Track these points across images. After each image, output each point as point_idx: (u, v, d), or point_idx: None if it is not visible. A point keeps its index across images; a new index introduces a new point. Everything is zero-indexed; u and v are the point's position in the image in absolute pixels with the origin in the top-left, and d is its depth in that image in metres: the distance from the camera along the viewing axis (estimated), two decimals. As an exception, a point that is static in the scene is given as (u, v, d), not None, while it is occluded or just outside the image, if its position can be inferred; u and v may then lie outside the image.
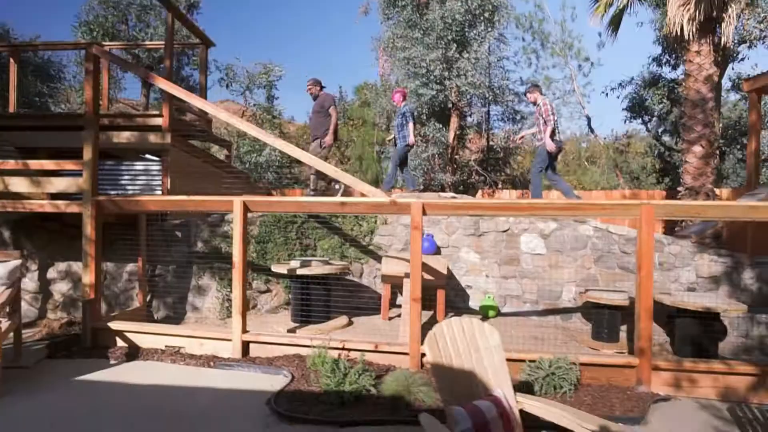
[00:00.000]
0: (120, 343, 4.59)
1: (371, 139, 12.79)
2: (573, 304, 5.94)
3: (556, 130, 6.82)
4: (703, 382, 3.63)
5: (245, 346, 4.26)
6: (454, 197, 6.81)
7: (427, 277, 5.49)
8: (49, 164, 4.60)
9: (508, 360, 2.56)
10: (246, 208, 4.24)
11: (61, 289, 5.75)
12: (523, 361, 3.80)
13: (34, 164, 4.63)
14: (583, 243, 5.96)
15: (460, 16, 8.05)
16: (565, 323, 5.85)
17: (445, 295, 5.65)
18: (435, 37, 8.16)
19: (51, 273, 5.78)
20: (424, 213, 4.00)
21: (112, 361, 4.23)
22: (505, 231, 6.26)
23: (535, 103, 7.09)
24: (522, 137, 8.23)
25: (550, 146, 6.61)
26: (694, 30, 7.45)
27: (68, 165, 4.61)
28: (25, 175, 4.67)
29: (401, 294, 5.91)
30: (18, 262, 3.93)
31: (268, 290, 5.83)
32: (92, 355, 4.42)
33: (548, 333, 5.39)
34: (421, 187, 7.45)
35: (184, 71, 12.13)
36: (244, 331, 4.24)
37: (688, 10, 7.44)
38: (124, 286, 5.65)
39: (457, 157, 9.16)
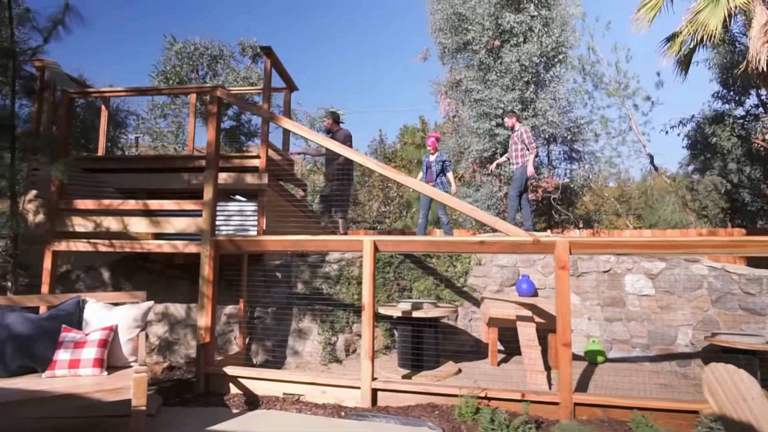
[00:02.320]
0: (233, 389, 4.39)
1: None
2: (691, 348, 5.54)
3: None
4: None
5: (374, 394, 4.01)
6: (548, 235, 6.61)
7: (538, 320, 5.24)
8: (169, 204, 4.59)
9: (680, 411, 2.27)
10: (375, 248, 4.11)
11: (157, 331, 5.63)
12: (695, 412, 3.46)
13: (154, 204, 4.63)
14: (698, 283, 5.63)
15: (536, 58, 8.14)
16: (683, 369, 5.44)
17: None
18: (511, 78, 8.24)
19: (149, 315, 5.68)
20: (570, 252, 3.80)
21: (234, 410, 4.01)
22: (606, 271, 5.98)
23: (512, 129, 7.28)
24: (498, 164, 8.19)
25: (531, 171, 6.90)
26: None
27: (188, 205, 4.59)
28: (143, 215, 4.67)
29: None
30: (150, 303, 3.84)
31: (368, 334, 5.60)
32: (209, 402, 4.22)
33: (673, 380, 5.00)
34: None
35: (243, 116, 12.51)
36: (373, 378, 4.01)
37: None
38: (222, 329, 5.50)
39: (531, 196, 9.00)
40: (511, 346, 5.48)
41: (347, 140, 6.80)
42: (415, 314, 4.76)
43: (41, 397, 2.94)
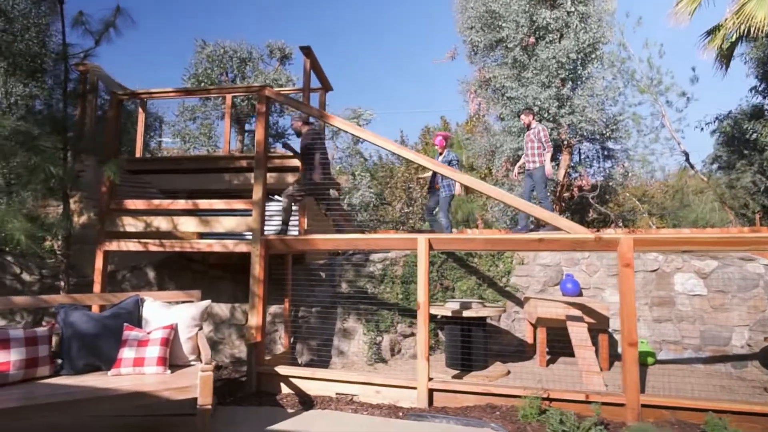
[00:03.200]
0: (284, 389, 4.37)
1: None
2: (747, 350, 5.36)
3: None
4: None
5: (430, 394, 3.94)
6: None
7: (588, 320, 5.12)
8: (218, 203, 4.61)
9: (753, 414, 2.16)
10: (430, 246, 4.05)
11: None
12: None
13: (203, 204, 4.64)
14: (754, 282, 5.44)
15: (574, 54, 8.01)
16: (739, 371, 5.26)
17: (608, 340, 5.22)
18: (547, 75, 8.11)
19: (194, 315, 5.71)
20: (634, 249, 3.69)
21: (289, 410, 3.99)
22: (654, 270, 5.83)
23: (528, 127, 7.02)
24: (520, 167, 7.63)
25: (549, 171, 6.70)
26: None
27: (238, 204, 4.60)
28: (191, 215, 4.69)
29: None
30: (207, 302, 3.84)
31: (412, 334, 5.55)
32: (262, 401, 4.20)
33: (731, 383, 4.84)
34: (532, 226, 7.08)
35: (270, 117, 12.51)
36: (429, 378, 3.95)
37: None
38: (267, 328, 5.50)
39: (566, 195, 8.87)
40: (555, 347, 5.37)
41: (314, 136, 5.73)
42: (466, 314, 4.69)
43: (113, 395, 2.95)
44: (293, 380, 4.34)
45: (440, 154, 7.19)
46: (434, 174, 7.17)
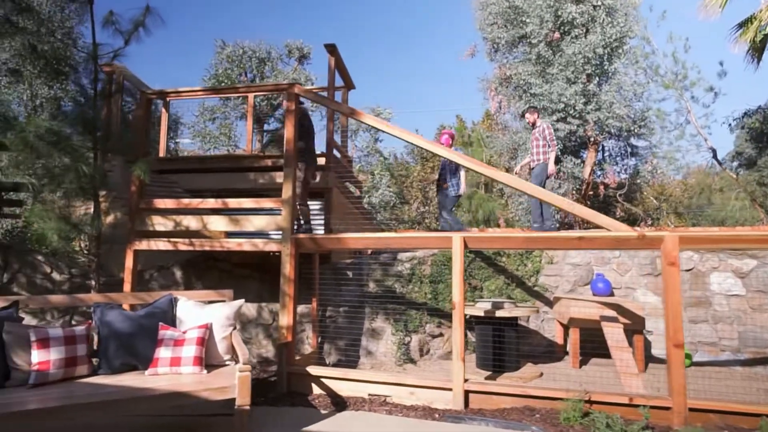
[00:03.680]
0: (316, 389, 4.32)
1: (478, 178, 12.56)
2: (789, 353, 5.18)
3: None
4: None
5: (466, 396, 3.86)
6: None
7: (623, 320, 4.99)
8: (248, 202, 4.58)
9: None
10: (465, 245, 3.97)
11: (229, 331, 5.63)
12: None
13: (233, 203, 4.62)
14: (795, 282, 5.26)
15: (600, 49, 7.85)
16: (780, 375, 5.08)
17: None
18: (573, 71, 7.95)
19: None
20: (680, 246, 3.57)
21: (323, 411, 3.94)
22: (689, 270, 5.67)
23: (533, 125, 6.84)
24: (522, 166, 7.51)
25: (552, 169, 6.54)
26: None
27: (267, 203, 4.56)
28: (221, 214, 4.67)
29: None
30: (241, 302, 3.81)
31: (441, 334, 5.47)
32: (294, 402, 4.16)
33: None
34: (557, 225, 6.94)
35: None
36: (465, 379, 3.87)
37: None
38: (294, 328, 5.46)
39: (591, 193, 8.70)
40: (585, 348, 5.24)
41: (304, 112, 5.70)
42: (499, 313, 4.59)
43: (153, 395, 2.92)
44: (324, 381, 4.30)
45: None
46: (441, 173, 7.09)
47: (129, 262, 4.81)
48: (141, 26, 4.70)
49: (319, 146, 5.72)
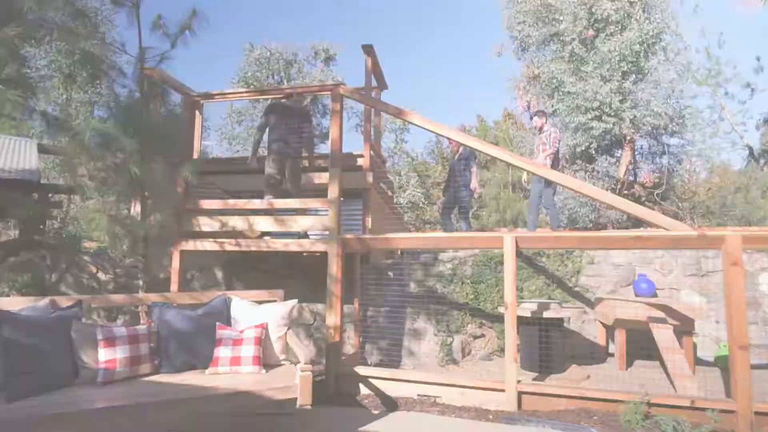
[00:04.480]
0: (363, 390, 4.33)
1: (506, 178, 12.47)
2: None
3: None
4: None
5: (519, 397, 3.83)
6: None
7: (672, 322, 4.89)
8: (294, 203, 4.61)
9: None
10: (517, 245, 3.93)
11: (270, 331, 5.68)
12: None
13: (279, 203, 4.65)
14: None
15: (637, 46, 7.72)
16: (836, 380, 4.93)
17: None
18: (608, 68, 7.84)
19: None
20: (743, 246, 3.48)
21: (374, 411, 3.94)
22: (736, 270, 5.53)
23: (540, 130, 6.66)
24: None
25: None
26: None
27: (314, 204, 4.59)
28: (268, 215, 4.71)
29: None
30: (294, 302, 3.82)
31: (482, 335, 5.43)
32: (343, 402, 4.17)
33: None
34: (590, 225, 6.85)
35: (314, 118, 12.63)
36: (518, 380, 3.83)
37: None
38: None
39: (626, 192, 8.56)
40: (628, 349, 5.14)
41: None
42: (546, 314, 4.55)
43: (218, 394, 2.95)
44: (372, 381, 4.29)
45: (457, 152, 7.04)
46: (458, 174, 7.00)
47: (176, 262, 4.87)
48: (188, 29, 4.76)
49: (322, 148, 5.74)
